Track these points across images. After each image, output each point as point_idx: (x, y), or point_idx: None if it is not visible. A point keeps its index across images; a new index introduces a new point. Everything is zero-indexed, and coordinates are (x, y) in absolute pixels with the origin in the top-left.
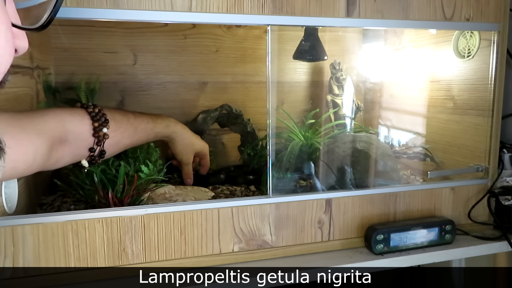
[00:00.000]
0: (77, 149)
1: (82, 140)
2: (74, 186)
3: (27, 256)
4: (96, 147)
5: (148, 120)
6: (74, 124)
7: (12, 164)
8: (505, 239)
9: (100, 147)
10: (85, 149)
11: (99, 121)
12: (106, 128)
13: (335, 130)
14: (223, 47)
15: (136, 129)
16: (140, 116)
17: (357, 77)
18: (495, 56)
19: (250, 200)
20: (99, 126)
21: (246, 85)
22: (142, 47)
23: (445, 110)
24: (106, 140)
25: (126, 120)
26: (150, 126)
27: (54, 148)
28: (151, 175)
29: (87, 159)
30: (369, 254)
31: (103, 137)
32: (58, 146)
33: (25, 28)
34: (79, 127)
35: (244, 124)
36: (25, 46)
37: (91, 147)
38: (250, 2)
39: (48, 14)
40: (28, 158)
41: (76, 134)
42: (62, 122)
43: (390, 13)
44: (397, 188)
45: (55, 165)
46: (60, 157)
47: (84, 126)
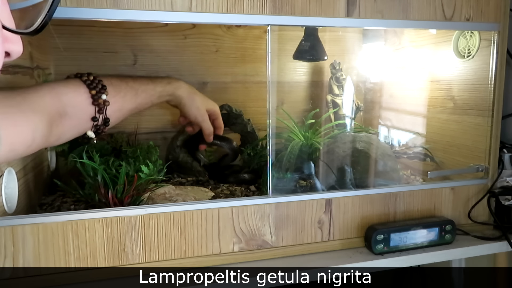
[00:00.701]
0: (79, 120)
1: (82, 111)
2: (74, 185)
3: (27, 256)
4: (99, 116)
5: (147, 82)
6: (70, 96)
7: (9, 146)
8: (505, 239)
9: (103, 115)
10: (87, 119)
11: (96, 88)
12: (105, 94)
13: (335, 130)
14: (223, 47)
15: (136, 92)
16: (139, 78)
17: (357, 77)
18: (495, 56)
19: (250, 200)
20: (97, 94)
21: (246, 85)
22: (142, 47)
23: (445, 110)
24: (107, 107)
25: (125, 84)
26: (151, 87)
27: (54, 123)
28: (151, 175)
29: (92, 129)
30: (369, 254)
31: (103, 104)
32: (58, 121)
33: (18, 32)
34: (76, 97)
35: (244, 124)
36: (19, 51)
37: (93, 116)
38: (250, 2)
39: (42, 18)
40: (27, 138)
41: (75, 106)
42: (58, 96)
43: (390, 13)
44: (397, 188)
45: (58, 141)
46: (62, 132)
47: (81, 95)
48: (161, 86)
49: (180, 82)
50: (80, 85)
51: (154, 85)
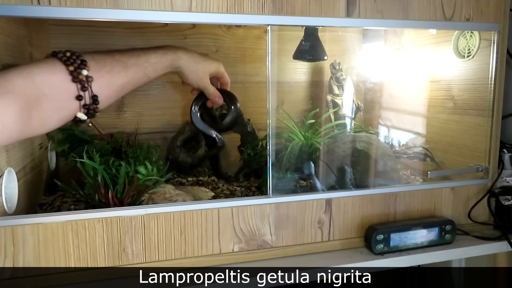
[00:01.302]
0: (61, 102)
1: (63, 90)
2: (74, 185)
3: (27, 256)
4: (83, 93)
5: (139, 53)
6: (44, 75)
7: None
8: (505, 239)
9: (89, 92)
10: (71, 99)
11: (74, 64)
12: (85, 70)
13: (335, 130)
14: (223, 47)
15: (125, 65)
16: (128, 51)
17: (357, 77)
18: (495, 56)
19: (250, 200)
20: (76, 70)
21: (246, 85)
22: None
23: (445, 110)
24: (91, 83)
25: (110, 58)
26: (143, 59)
27: (33, 107)
28: (149, 175)
29: (82, 111)
30: (369, 254)
31: (86, 81)
32: (37, 104)
33: None
34: (51, 76)
35: (244, 124)
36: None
37: (78, 95)
38: (250, 2)
39: None
40: None
41: (52, 85)
42: (30, 76)
43: (390, 13)
44: (397, 188)
45: (44, 126)
46: (46, 116)
47: (57, 74)
48: (156, 57)
49: (178, 52)
50: (56, 62)
51: (147, 57)
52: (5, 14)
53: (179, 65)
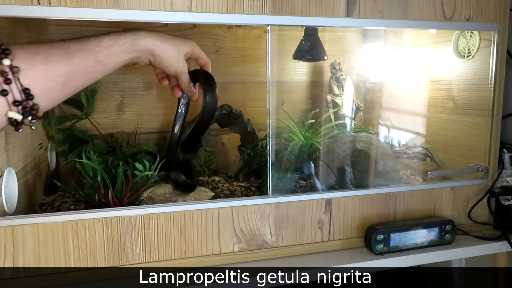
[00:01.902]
0: None
1: None
2: (73, 185)
3: (27, 256)
4: (8, 87)
5: (88, 38)
6: None
7: None
8: (505, 239)
9: (16, 85)
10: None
11: None
12: (8, 59)
13: (335, 130)
14: (223, 47)
15: (67, 52)
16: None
17: (357, 77)
18: (495, 56)
19: (250, 200)
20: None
21: (246, 85)
22: None
23: (445, 110)
24: (18, 74)
25: (47, 46)
26: (92, 43)
27: None
28: (146, 171)
29: (14, 109)
30: (369, 254)
31: (12, 72)
32: None
33: None
34: None
35: (244, 124)
36: None
37: (2, 89)
38: (250, 2)
39: None
40: None
41: None
42: None
43: (390, 13)
44: (397, 188)
45: None
46: None
47: None
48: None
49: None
50: None
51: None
52: (5, 14)
53: (146, 46)
